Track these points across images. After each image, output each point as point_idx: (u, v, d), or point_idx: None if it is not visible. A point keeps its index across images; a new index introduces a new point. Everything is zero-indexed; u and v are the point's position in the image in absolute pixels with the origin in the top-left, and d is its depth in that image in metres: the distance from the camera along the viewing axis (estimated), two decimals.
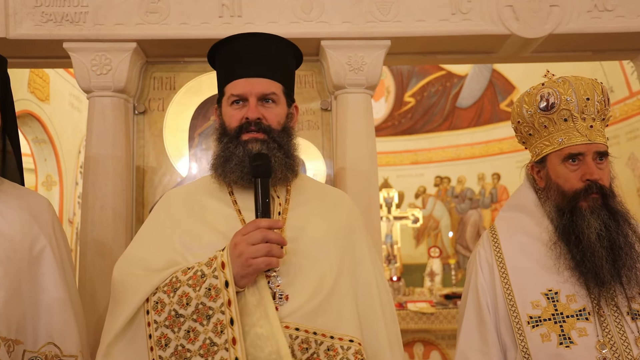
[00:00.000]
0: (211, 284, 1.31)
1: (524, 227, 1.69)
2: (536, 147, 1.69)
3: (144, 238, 1.56)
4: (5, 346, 1.47)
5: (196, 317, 1.30)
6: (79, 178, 6.18)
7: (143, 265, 1.45)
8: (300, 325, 1.36)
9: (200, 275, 1.33)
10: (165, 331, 1.30)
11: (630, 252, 1.51)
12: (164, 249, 1.47)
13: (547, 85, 1.63)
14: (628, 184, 6.04)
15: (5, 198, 1.64)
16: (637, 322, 1.47)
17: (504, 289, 1.60)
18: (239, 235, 1.35)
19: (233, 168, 1.47)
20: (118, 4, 2.44)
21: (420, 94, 9.31)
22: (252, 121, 1.49)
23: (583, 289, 1.51)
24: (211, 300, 1.30)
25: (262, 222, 1.34)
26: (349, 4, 2.50)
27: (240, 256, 1.31)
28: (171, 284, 1.34)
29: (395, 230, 7.40)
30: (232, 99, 1.53)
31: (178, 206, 1.57)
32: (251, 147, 1.46)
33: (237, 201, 1.54)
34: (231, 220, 1.49)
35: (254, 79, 1.52)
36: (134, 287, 1.38)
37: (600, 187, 1.55)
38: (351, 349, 1.38)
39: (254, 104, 1.50)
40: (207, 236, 1.47)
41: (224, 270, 1.31)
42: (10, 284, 1.52)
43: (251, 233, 1.33)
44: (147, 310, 1.34)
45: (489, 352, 1.60)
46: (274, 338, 1.29)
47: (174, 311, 1.31)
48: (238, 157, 1.47)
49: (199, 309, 1.30)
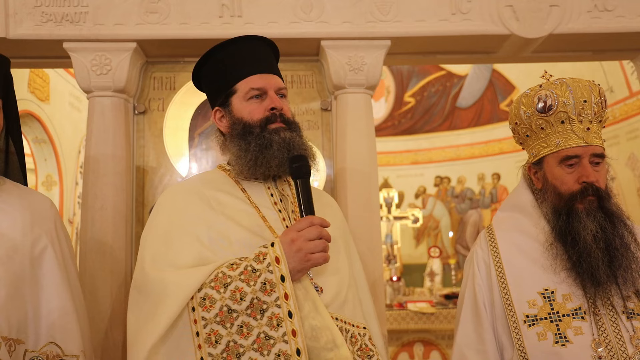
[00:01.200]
0: (266, 279, 1.32)
1: (521, 227, 1.70)
2: (533, 149, 1.70)
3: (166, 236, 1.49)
4: (7, 346, 1.47)
5: (250, 312, 1.30)
6: (79, 178, 6.18)
7: (171, 263, 1.41)
8: (336, 315, 1.44)
9: (251, 270, 1.34)
10: (216, 327, 1.29)
11: (626, 253, 1.53)
12: (191, 244, 1.44)
13: (544, 87, 1.64)
14: (628, 184, 6.04)
15: (7, 197, 1.65)
16: (633, 321, 1.48)
17: (501, 288, 1.62)
18: (294, 232, 1.39)
19: (275, 154, 1.51)
20: (118, 4, 2.44)
21: (420, 94, 9.31)
22: (278, 111, 1.55)
23: (579, 289, 1.53)
24: (266, 294, 1.31)
25: (316, 219, 1.40)
26: (349, 4, 2.50)
27: (299, 251, 1.36)
28: (218, 280, 1.33)
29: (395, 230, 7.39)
30: (252, 93, 1.57)
31: (194, 201, 1.54)
32: (284, 135, 1.52)
33: (250, 198, 1.57)
34: (253, 217, 1.53)
35: (267, 74, 1.60)
36: (175, 286, 1.34)
37: (596, 189, 1.56)
38: (366, 336, 1.52)
39: (276, 96, 1.57)
40: (235, 232, 1.48)
41: (279, 265, 1.34)
42: (11, 284, 1.52)
43: (308, 229, 1.38)
44: (192, 307, 1.31)
45: (485, 350, 1.61)
46: (329, 329, 1.35)
47: (226, 307, 1.30)
48: (277, 143, 1.51)
49: (253, 304, 1.30)
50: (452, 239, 8.99)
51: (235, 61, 1.61)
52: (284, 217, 1.58)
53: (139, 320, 1.38)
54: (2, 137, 1.75)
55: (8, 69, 1.75)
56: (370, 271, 2.44)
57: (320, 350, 1.32)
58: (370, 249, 2.45)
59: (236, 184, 1.60)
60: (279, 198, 1.62)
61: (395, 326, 5.17)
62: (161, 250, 1.45)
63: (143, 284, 1.41)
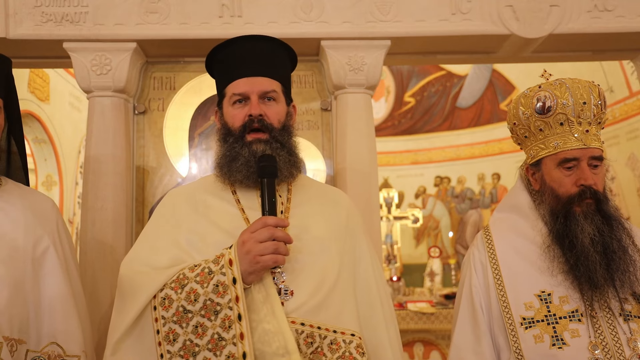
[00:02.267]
0: (219, 281, 1.33)
1: (518, 228, 1.69)
2: (531, 150, 1.69)
3: (149, 237, 1.57)
4: (8, 346, 1.47)
5: (204, 313, 1.32)
6: (79, 178, 6.18)
7: (148, 263, 1.47)
8: (305, 320, 1.40)
9: (207, 272, 1.36)
10: (174, 326, 1.33)
11: (624, 256, 1.52)
12: (170, 247, 1.49)
13: (543, 88, 1.62)
14: (628, 184, 6.04)
15: (8, 197, 1.65)
16: (630, 323, 1.48)
17: (498, 290, 1.61)
18: (247, 233, 1.37)
19: (239, 168, 1.51)
20: (118, 4, 2.44)
21: (420, 94, 9.31)
22: (255, 118, 1.52)
23: (576, 292, 1.52)
24: (219, 296, 1.33)
25: (270, 220, 1.37)
26: (349, 4, 2.50)
27: (248, 253, 1.34)
28: (178, 281, 1.36)
29: (395, 230, 7.39)
30: (234, 99, 1.55)
31: (182, 205, 1.58)
32: (255, 148, 1.50)
33: (240, 200, 1.57)
34: (235, 219, 1.53)
35: (254, 77, 1.56)
36: (141, 285, 1.40)
37: (594, 192, 1.55)
38: (353, 343, 1.43)
39: (256, 101, 1.54)
40: (213, 235, 1.49)
41: (231, 267, 1.34)
42: (13, 284, 1.53)
43: (259, 231, 1.36)
44: (154, 306, 1.36)
45: (482, 352, 1.60)
46: (282, 333, 1.33)
47: (182, 307, 1.33)
48: (244, 158, 1.50)
49: (206, 305, 1.32)
50: (452, 239, 8.99)
51: (230, 63, 1.60)
52: None
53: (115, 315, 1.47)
54: (4, 137, 1.75)
55: (10, 69, 1.75)
56: None
57: (272, 355, 1.31)
58: None
59: (229, 187, 1.60)
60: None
61: None
62: (143, 251, 1.52)
63: (121, 281, 1.49)
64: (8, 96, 1.71)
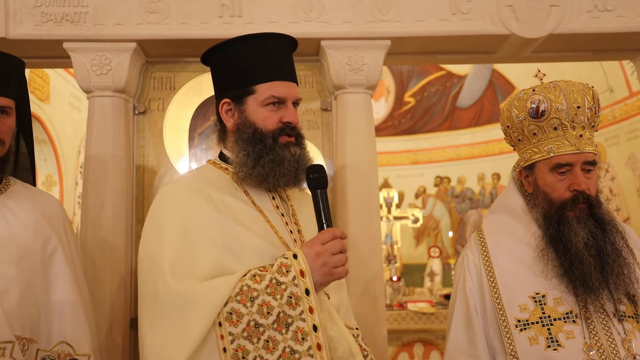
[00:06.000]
0: (292, 292, 1.31)
1: (512, 230, 1.69)
2: (525, 153, 1.68)
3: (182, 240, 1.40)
4: (20, 345, 1.49)
5: (276, 326, 1.28)
6: (79, 178, 6.18)
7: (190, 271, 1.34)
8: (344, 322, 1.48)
9: (276, 283, 1.31)
10: (243, 343, 1.26)
11: (618, 259, 1.52)
12: (209, 250, 1.38)
13: (537, 91, 1.61)
14: (628, 184, 6.04)
15: (17, 198, 1.66)
16: (624, 323, 1.48)
17: (492, 293, 1.61)
18: (318, 245, 1.37)
19: (285, 172, 1.49)
20: (118, 4, 2.44)
21: (420, 94, 9.31)
22: (294, 126, 1.53)
23: (571, 295, 1.52)
24: (291, 308, 1.30)
25: (338, 232, 1.39)
26: (349, 4, 2.50)
27: (324, 265, 1.35)
28: (244, 293, 1.29)
29: (395, 230, 7.39)
30: (271, 100, 1.51)
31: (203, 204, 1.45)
32: (293, 151, 1.51)
33: (255, 202, 1.54)
34: (260, 222, 1.50)
35: (290, 83, 1.56)
36: (202, 300, 1.28)
37: (587, 197, 1.55)
38: (359, 336, 1.56)
39: (293, 109, 1.54)
40: (247, 238, 1.43)
41: (303, 278, 1.32)
42: (24, 284, 1.54)
43: (331, 242, 1.37)
44: (219, 322, 1.27)
45: (477, 355, 1.60)
46: (345, 338, 1.38)
47: (253, 321, 1.27)
48: (289, 162, 1.49)
49: (279, 318, 1.29)
50: (452, 239, 8.99)
51: (261, 60, 1.53)
52: (286, 222, 1.56)
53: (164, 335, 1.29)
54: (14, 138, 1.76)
55: (22, 71, 1.76)
56: (370, 271, 2.44)
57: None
58: (370, 249, 2.45)
59: (238, 186, 1.54)
60: (279, 201, 1.60)
61: (395, 326, 5.17)
62: (179, 256, 1.36)
63: (165, 295, 1.32)
64: (20, 98, 1.72)
